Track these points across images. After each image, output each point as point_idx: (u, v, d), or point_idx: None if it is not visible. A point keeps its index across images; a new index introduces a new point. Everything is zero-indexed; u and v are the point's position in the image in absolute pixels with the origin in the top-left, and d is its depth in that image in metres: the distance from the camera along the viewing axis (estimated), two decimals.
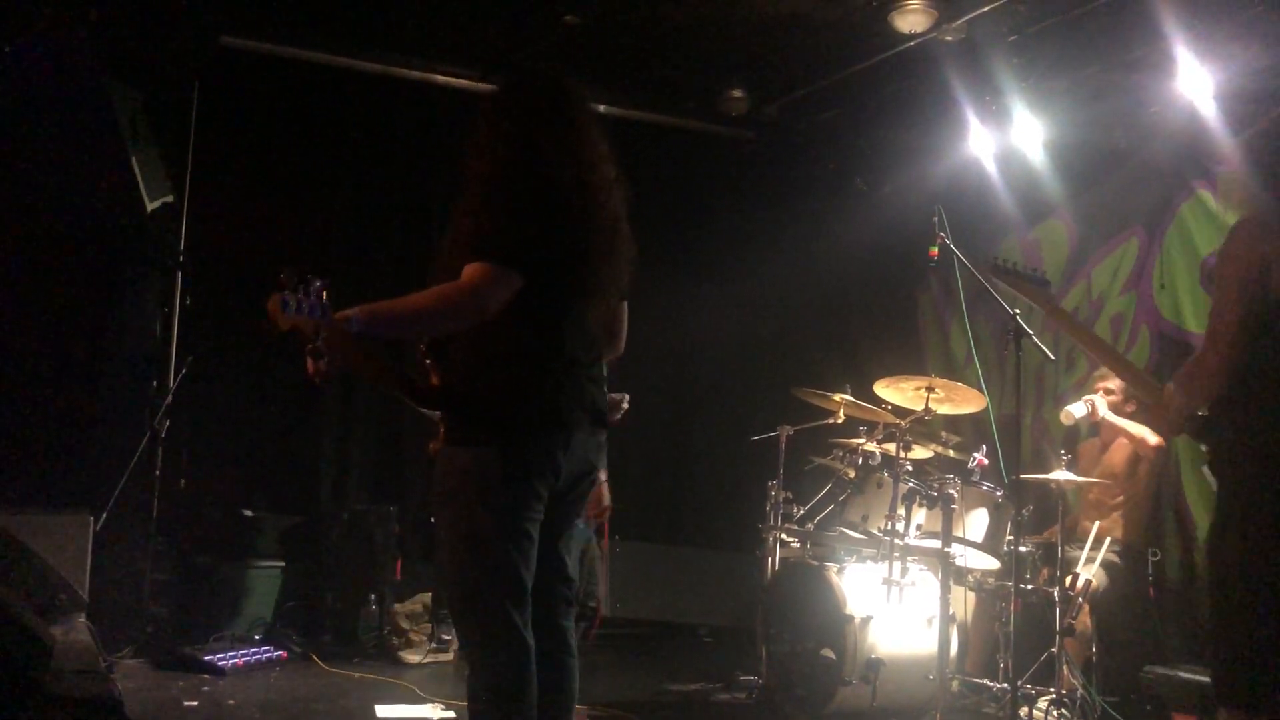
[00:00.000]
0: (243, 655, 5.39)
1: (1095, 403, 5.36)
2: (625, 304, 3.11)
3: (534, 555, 2.78)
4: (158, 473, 5.73)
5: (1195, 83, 5.48)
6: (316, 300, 2.58)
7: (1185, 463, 5.70)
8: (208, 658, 5.29)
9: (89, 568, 4.99)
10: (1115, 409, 5.42)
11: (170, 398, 5.85)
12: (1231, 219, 5.57)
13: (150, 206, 5.69)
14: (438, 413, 2.94)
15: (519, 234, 2.67)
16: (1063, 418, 5.40)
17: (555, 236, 2.73)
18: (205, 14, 6.09)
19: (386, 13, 6.20)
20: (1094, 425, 5.57)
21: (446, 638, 5.85)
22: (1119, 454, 5.41)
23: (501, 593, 2.71)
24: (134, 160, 5.46)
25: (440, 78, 6.92)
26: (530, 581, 2.76)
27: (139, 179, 5.51)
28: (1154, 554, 5.27)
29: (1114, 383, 5.47)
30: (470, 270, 2.63)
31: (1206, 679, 4.50)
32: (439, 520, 2.80)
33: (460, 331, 2.78)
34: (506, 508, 2.71)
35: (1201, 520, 5.59)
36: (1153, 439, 5.31)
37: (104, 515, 5.28)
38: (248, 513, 6.31)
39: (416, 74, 6.87)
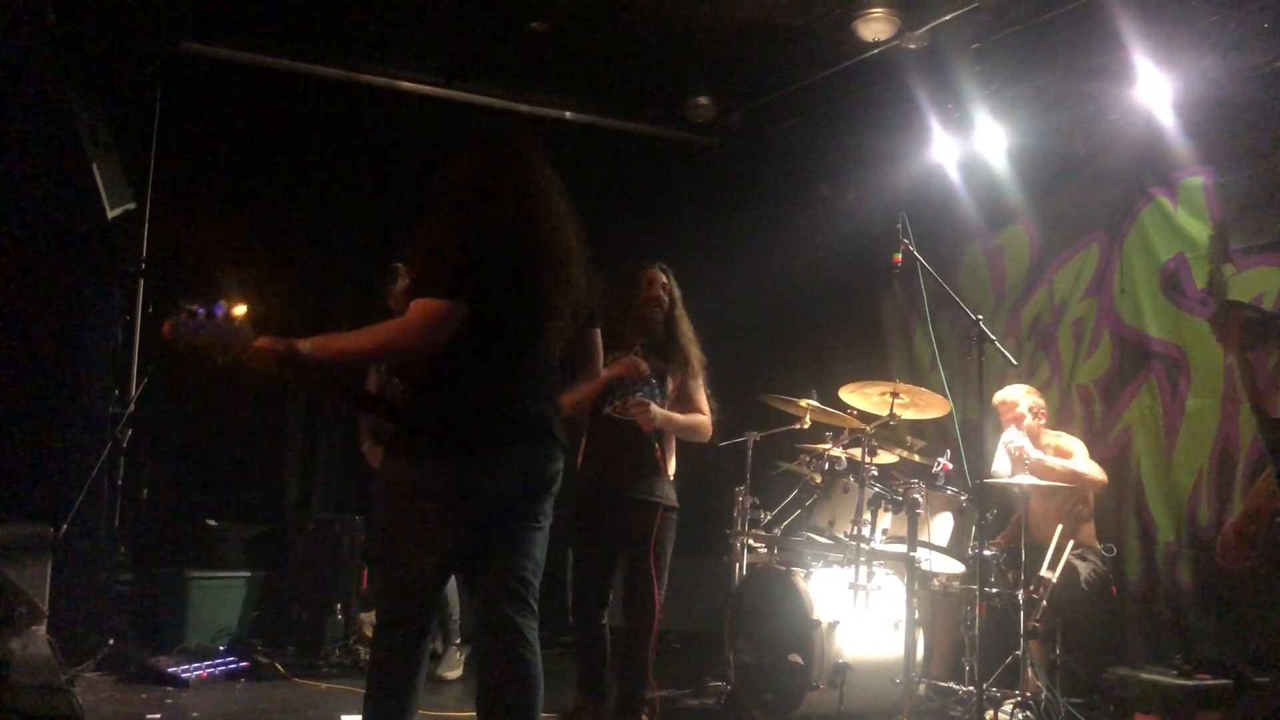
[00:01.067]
0: (207, 666, 5.35)
1: (1024, 448, 5.27)
2: (596, 331, 3.31)
3: (439, 564, 3.00)
4: (120, 482, 5.67)
5: (1154, 91, 5.56)
6: (224, 320, 2.85)
7: (1147, 467, 5.76)
8: (171, 669, 5.24)
9: (49, 579, 4.93)
10: (1033, 433, 5.48)
11: (132, 407, 5.80)
12: (1189, 224, 5.68)
13: (111, 214, 5.63)
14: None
15: (460, 267, 2.87)
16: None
17: (500, 268, 2.93)
18: (166, 20, 6.05)
19: (350, 18, 6.17)
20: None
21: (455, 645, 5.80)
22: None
23: (401, 598, 2.97)
24: (95, 167, 5.41)
25: (405, 84, 6.89)
26: (433, 595, 3.03)
27: (100, 186, 5.46)
28: (1109, 549, 5.32)
29: (1023, 400, 5.52)
30: (414, 307, 2.84)
31: (1167, 680, 4.56)
32: (377, 516, 2.96)
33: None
34: (431, 520, 2.92)
35: (1164, 522, 5.66)
36: (1098, 476, 5.36)
37: (64, 526, 5.22)
38: (211, 522, 6.26)
39: (380, 80, 6.85)
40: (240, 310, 2.88)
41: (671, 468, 4.64)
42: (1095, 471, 5.37)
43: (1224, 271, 3.77)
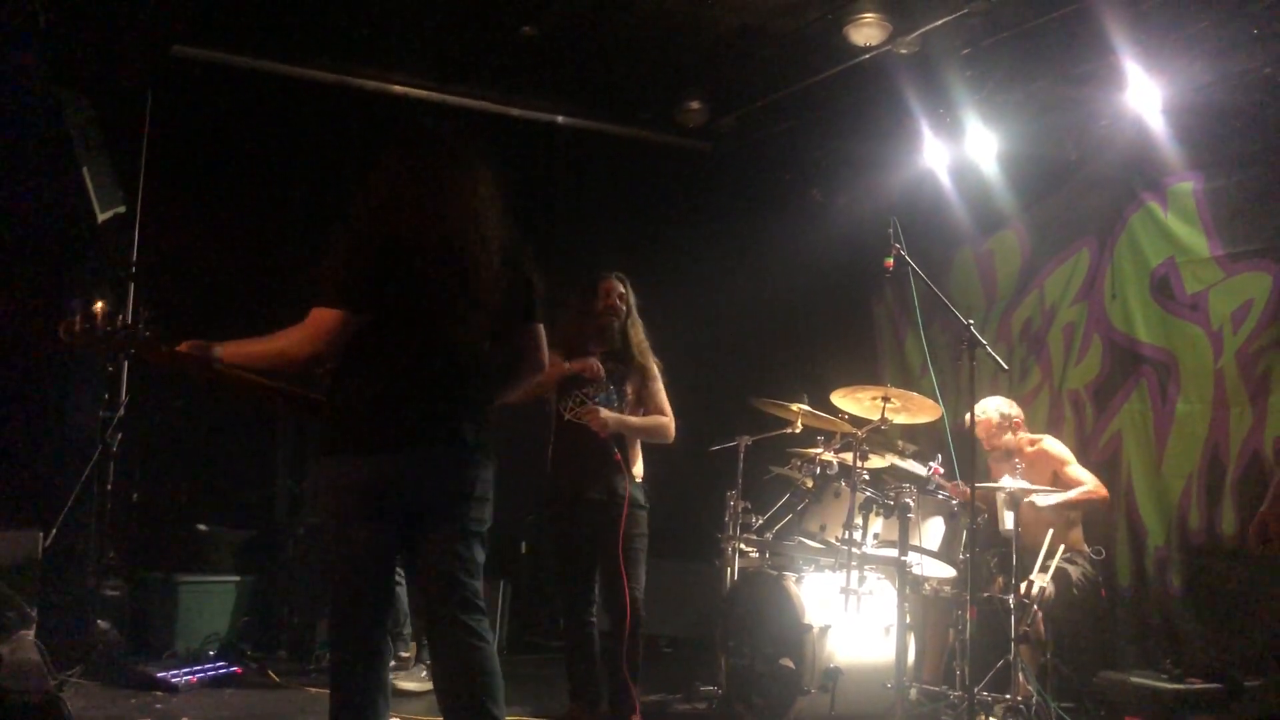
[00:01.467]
0: (197, 672, 5.32)
1: (1034, 502, 5.24)
2: (537, 325, 3.33)
3: (366, 559, 3.06)
4: (109, 487, 5.65)
5: (1144, 96, 5.58)
6: (124, 328, 3.07)
7: (1137, 472, 5.78)
8: (161, 675, 5.21)
9: (38, 584, 4.90)
10: (1013, 447, 5.49)
11: (122, 411, 5.77)
12: (1180, 229, 5.69)
13: (102, 217, 5.61)
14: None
15: (352, 276, 2.99)
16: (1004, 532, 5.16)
17: (393, 276, 3.01)
18: (157, 23, 6.03)
19: (342, 22, 6.17)
20: (1002, 452, 5.57)
21: (405, 654, 5.79)
22: (1039, 471, 5.45)
23: (337, 590, 3.09)
24: (85, 171, 5.39)
25: (397, 87, 6.89)
26: (364, 584, 3.06)
27: (90, 190, 5.44)
28: (1098, 552, 5.33)
29: (996, 416, 5.53)
30: (311, 316, 2.98)
31: (1158, 684, 4.57)
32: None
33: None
34: (343, 514, 3.04)
35: (1154, 527, 5.68)
36: (1102, 493, 5.38)
37: (54, 530, 5.20)
38: (201, 527, 6.24)
39: (372, 83, 6.84)
40: (98, 306, 3.09)
41: (638, 469, 4.69)
42: (1096, 487, 5.37)
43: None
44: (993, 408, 5.60)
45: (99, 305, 3.08)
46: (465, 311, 3.08)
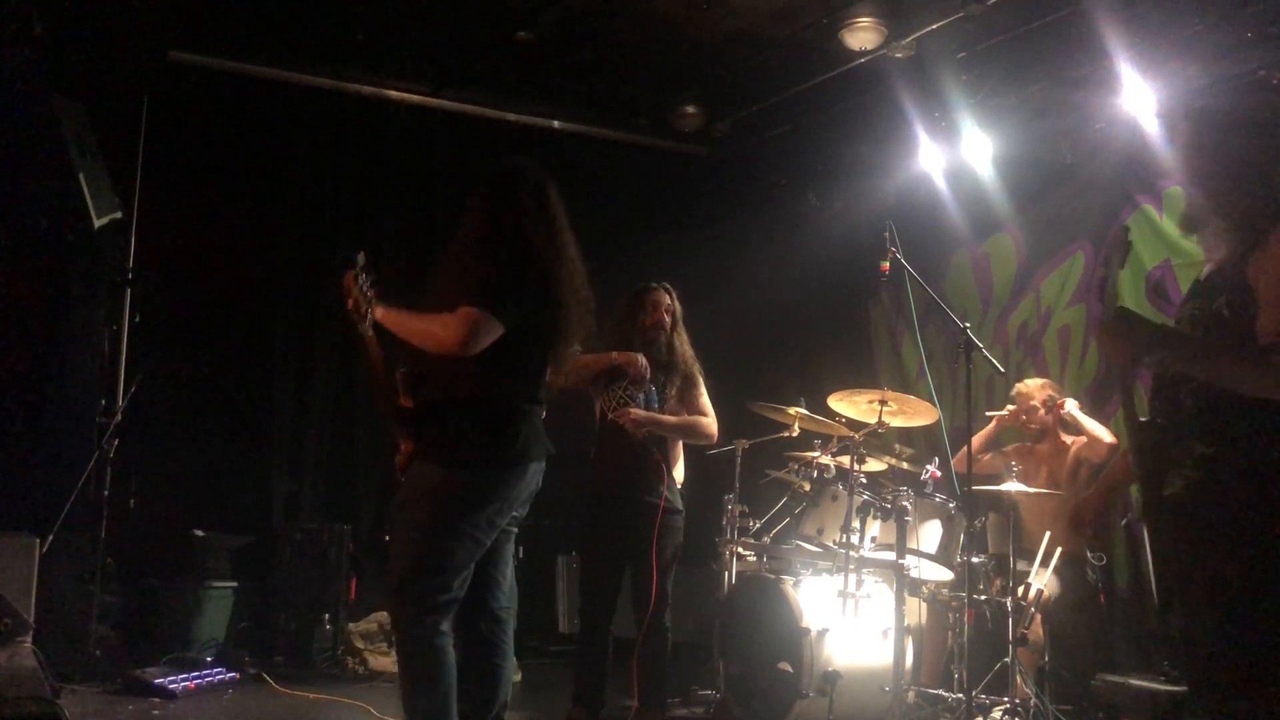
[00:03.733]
0: (194, 678, 5.32)
1: (1067, 404, 5.41)
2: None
3: (470, 568, 3.23)
4: (106, 493, 5.64)
5: (1138, 99, 5.59)
6: (370, 287, 3.16)
7: (1134, 474, 5.78)
8: (158, 681, 5.21)
9: (35, 591, 4.90)
10: (1047, 426, 5.52)
11: (119, 417, 5.77)
12: (1175, 233, 5.69)
13: (98, 223, 5.62)
14: (402, 428, 3.38)
15: (505, 291, 3.16)
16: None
17: (533, 301, 3.22)
18: (153, 29, 6.04)
19: (338, 28, 6.17)
20: (1038, 430, 5.60)
21: None
22: (1060, 461, 5.47)
23: (437, 582, 3.16)
24: (81, 176, 5.40)
25: (392, 93, 6.89)
26: (461, 590, 3.22)
27: (87, 195, 5.44)
28: (1099, 559, 5.34)
29: (1038, 393, 5.54)
30: (466, 312, 3.09)
31: (1155, 686, 4.57)
32: (398, 520, 3.26)
33: (441, 362, 3.23)
34: (456, 525, 3.17)
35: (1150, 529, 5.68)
36: (1108, 438, 5.40)
37: (50, 537, 5.19)
38: (198, 533, 6.24)
39: (368, 89, 6.84)
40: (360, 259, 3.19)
41: (678, 472, 4.73)
42: (1107, 435, 5.40)
43: (1118, 278, 3.75)
44: (1039, 383, 5.60)
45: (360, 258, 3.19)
46: (576, 335, 3.38)
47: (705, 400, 4.81)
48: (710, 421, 4.79)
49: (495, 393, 3.23)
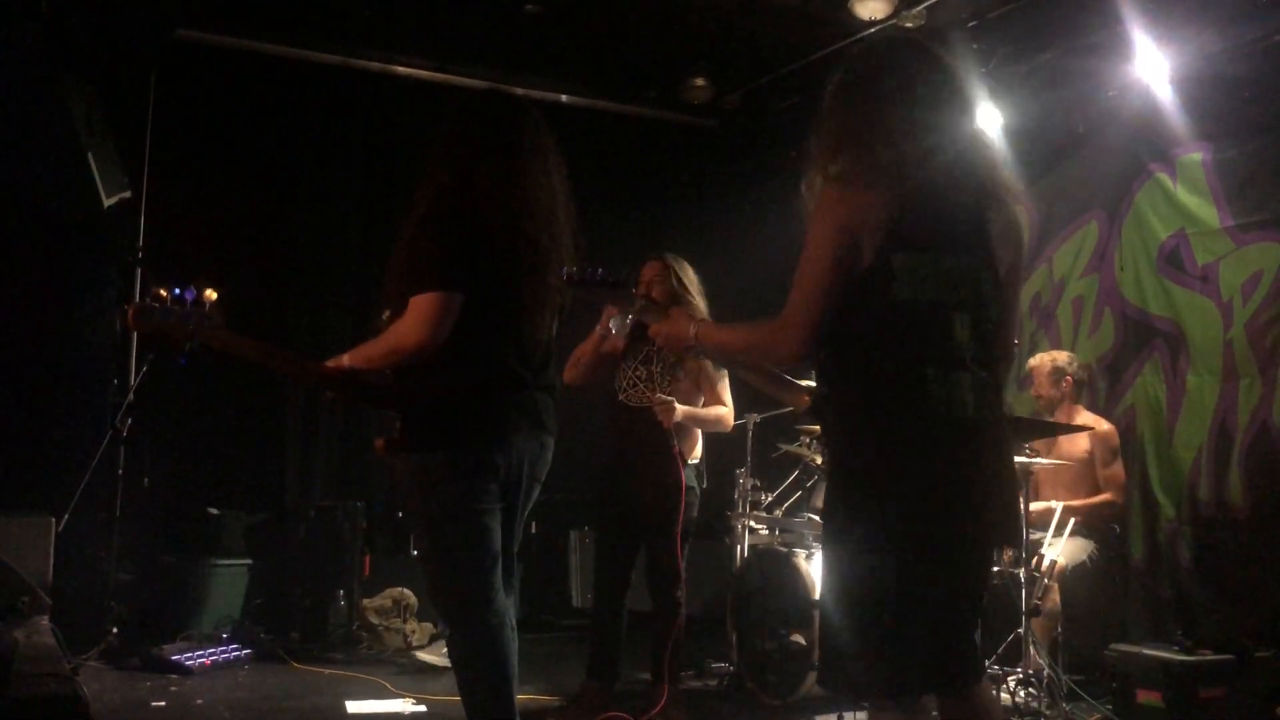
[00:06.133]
0: (210, 654, 5.35)
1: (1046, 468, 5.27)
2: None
3: (493, 536, 3.08)
4: (120, 472, 5.66)
5: (1152, 67, 5.53)
6: (193, 306, 2.98)
7: (1150, 445, 5.77)
8: (175, 657, 5.25)
9: (51, 569, 4.93)
10: (1052, 401, 5.50)
11: (132, 395, 5.78)
12: (1189, 201, 5.65)
13: (107, 202, 5.61)
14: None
15: (452, 258, 2.95)
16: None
17: (484, 259, 3.00)
18: (160, 7, 6.01)
19: (344, 3, 6.14)
20: (1048, 403, 5.58)
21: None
22: (1074, 442, 5.45)
23: (466, 571, 3.05)
24: (90, 155, 5.38)
25: (400, 69, 6.86)
26: (496, 558, 3.09)
27: (95, 174, 5.43)
28: (1113, 529, 5.33)
29: (1052, 367, 5.52)
30: (416, 304, 2.92)
31: (1169, 655, 4.57)
32: (410, 518, 3.02)
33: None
34: (457, 501, 3.02)
35: (1165, 500, 5.67)
36: (1103, 425, 5.41)
37: (66, 516, 5.22)
38: (213, 510, 6.26)
39: (376, 65, 6.82)
40: (211, 294, 2.97)
41: (697, 452, 4.73)
42: (1102, 422, 5.41)
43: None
44: (1048, 356, 5.57)
45: (210, 291, 3.02)
46: (546, 291, 3.12)
47: (722, 387, 4.75)
48: (730, 413, 4.77)
49: (464, 364, 3.01)
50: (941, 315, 2.39)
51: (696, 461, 4.76)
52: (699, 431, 4.77)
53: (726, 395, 4.76)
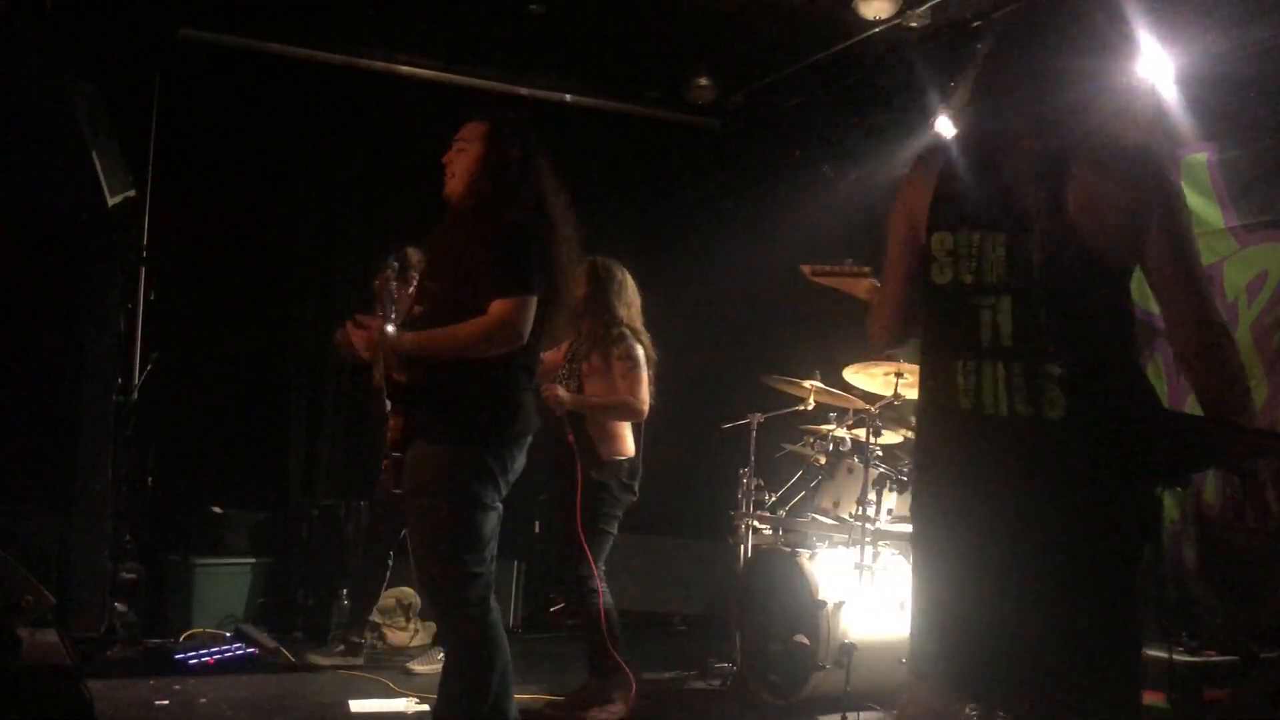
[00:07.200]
0: (214, 653, 5.35)
1: None
2: None
3: (495, 542, 3.25)
4: (124, 470, 5.67)
5: (1157, 67, 5.52)
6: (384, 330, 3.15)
7: None
8: (178, 656, 5.25)
9: (56, 568, 4.93)
10: None
11: (136, 395, 5.79)
12: (1194, 201, 5.64)
13: (112, 202, 5.62)
14: (395, 403, 3.31)
15: (531, 264, 3.15)
16: None
17: (549, 267, 3.24)
18: (164, 7, 6.02)
19: (348, 3, 6.15)
20: None
21: (357, 640, 5.78)
22: None
23: (476, 565, 3.16)
24: (94, 155, 5.39)
25: (403, 68, 6.87)
26: (493, 565, 3.24)
27: (100, 174, 5.44)
28: None
29: None
30: (504, 308, 3.08)
31: (1175, 657, 4.56)
32: (414, 507, 3.19)
33: None
34: (477, 501, 3.15)
35: (1169, 501, 5.66)
36: None
37: (70, 515, 5.22)
38: (216, 509, 6.27)
39: (379, 64, 6.82)
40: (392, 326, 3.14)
41: (619, 446, 4.74)
42: None
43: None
44: None
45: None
46: (565, 302, 3.38)
47: (633, 378, 4.67)
48: (634, 400, 4.67)
49: (497, 365, 3.17)
50: (971, 301, 2.25)
51: (623, 459, 4.74)
52: (622, 427, 4.75)
53: (634, 385, 4.67)
